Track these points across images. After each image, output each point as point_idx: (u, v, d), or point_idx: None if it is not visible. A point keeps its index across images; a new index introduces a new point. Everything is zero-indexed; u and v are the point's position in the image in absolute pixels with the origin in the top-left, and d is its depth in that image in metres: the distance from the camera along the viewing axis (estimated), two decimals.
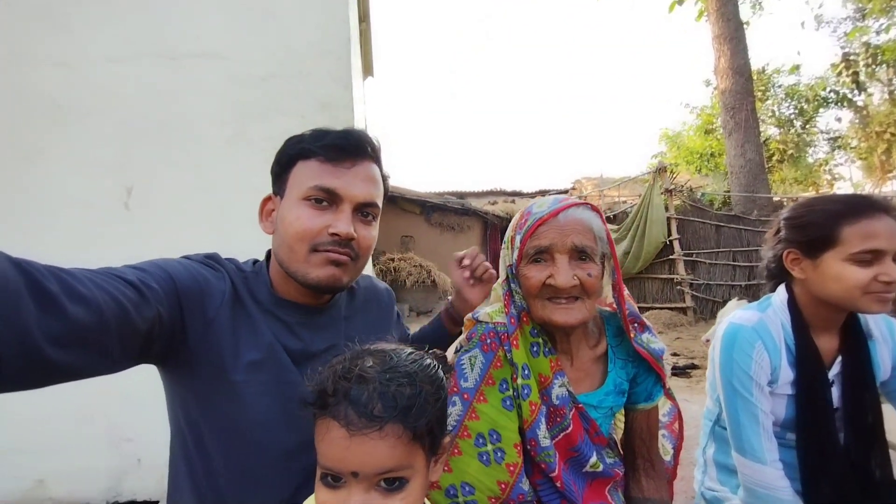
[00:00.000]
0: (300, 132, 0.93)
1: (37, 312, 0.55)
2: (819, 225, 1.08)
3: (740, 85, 9.07)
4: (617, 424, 1.18)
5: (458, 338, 1.15)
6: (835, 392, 1.13)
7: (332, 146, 0.89)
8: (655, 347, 1.01)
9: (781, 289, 1.19)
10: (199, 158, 2.01)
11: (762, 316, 1.16)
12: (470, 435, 0.99)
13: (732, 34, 9.14)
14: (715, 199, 9.48)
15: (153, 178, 1.98)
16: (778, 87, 14.82)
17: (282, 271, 0.91)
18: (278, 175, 0.94)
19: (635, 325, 1.02)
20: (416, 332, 1.30)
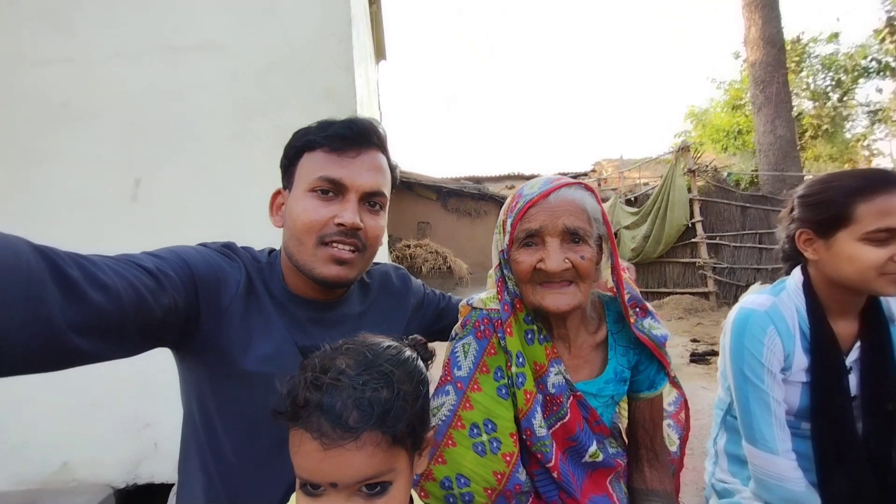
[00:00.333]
0: (303, 123, 0.92)
1: (60, 299, 0.55)
2: (832, 202, 1.01)
3: (772, 56, 8.54)
4: (621, 413, 1.14)
5: None
6: (853, 379, 1.07)
7: (336, 136, 0.89)
8: (657, 334, 0.96)
9: (797, 271, 1.12)
10: (203, 154, 2.01)
11: (775, 300, 1.10)
12: (464, 425, 0.96)
13: (764, 1, 8.59)
14: (742, 179, 9.11)
15: (158, 175, 1.99)
16: (814, 57, 13.92)
17: (292, 265, 0.91)
18: (286, 168, 0.94)
19: (637, 309, 0.97)
20: None
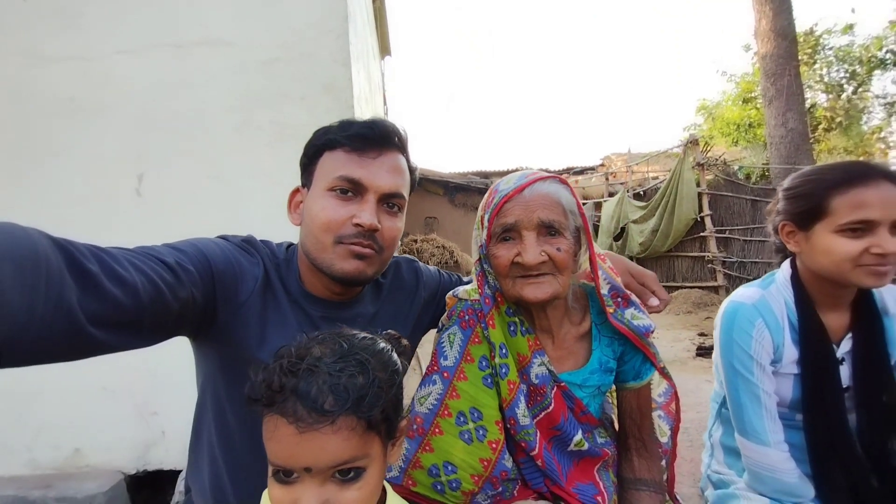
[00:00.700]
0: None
1: (78, 292, 0.56)
2: (810, 195, 1.02)
3: (783, 48, 8.36)
4: (614, 404, 1.15)
5: None
6: (845, 371, 1.07)
7: (357, 136, 0.88)
8: (639, 324, 0.96)
9: (785, 264, 1.12)
10: (208, 146, 2.05)
11: (764, 293, 1.10)
12: (451, 414, 0.98)
13: None
14: (752, 173, 8.94)
15: (165, 168, 2.04)
16: (828, 49, 13.60)
17: (308, 263, 0.91)
18: (305, 167, 0.94)
19: (618, 299, 0.97)
20: None
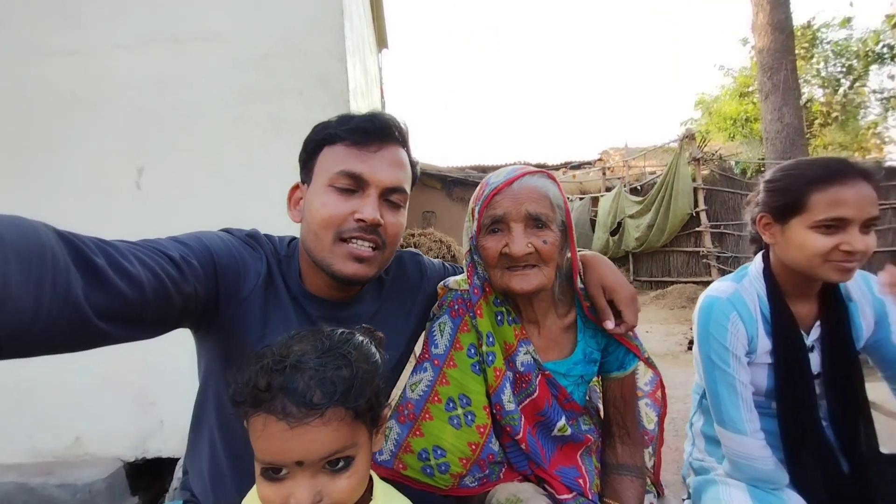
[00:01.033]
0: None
1: (85, 285, 0.57)
2: (790, 190, 1.05)
3: (780, 42, 8.36)
4: (601, 392, 1.19)
5: None
6: (815, 359, 1.11)
7: (357, 129, 0.87)
8: None
9: (757, 258, 1.16)
10: (206, 141, 2.07)
11: (738, 287, 1.13)
12: (441, 400, 1.03)
13: None
14: (748, 168, 8.99)
15: (163, 163, 2.05)
16: (826, 43, 13.59)
17: (309, 261, 0.90)
18: (305, 162, 0.93)
19: None
20: None
